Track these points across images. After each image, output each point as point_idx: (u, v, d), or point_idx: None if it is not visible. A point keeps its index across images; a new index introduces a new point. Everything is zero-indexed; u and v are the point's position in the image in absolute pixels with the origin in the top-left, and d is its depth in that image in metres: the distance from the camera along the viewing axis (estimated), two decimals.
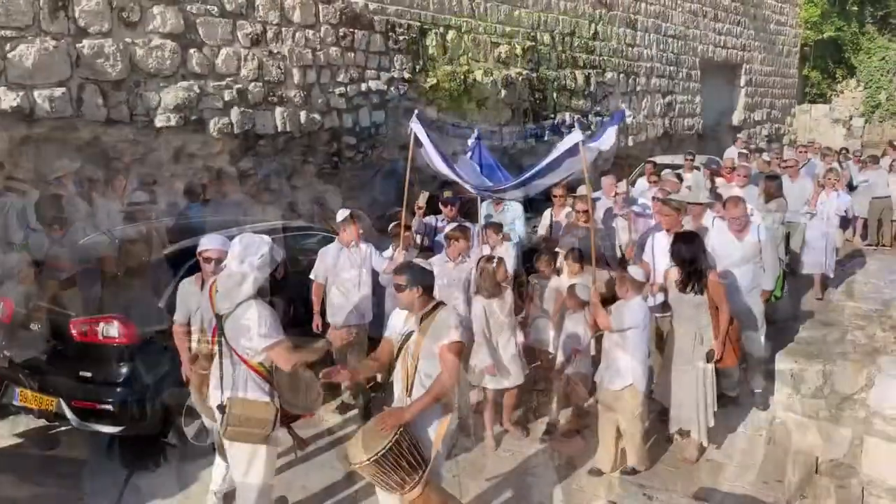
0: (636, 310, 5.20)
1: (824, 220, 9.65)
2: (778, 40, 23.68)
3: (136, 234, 6.27)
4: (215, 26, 8.16)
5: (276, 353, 3.98)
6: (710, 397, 5.47)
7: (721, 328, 5.45)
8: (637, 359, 5.18)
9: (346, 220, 6.38)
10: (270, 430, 4.03)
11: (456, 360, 3.89)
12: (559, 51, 14.05)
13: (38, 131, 6.90)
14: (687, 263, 5.40)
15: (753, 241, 6.33)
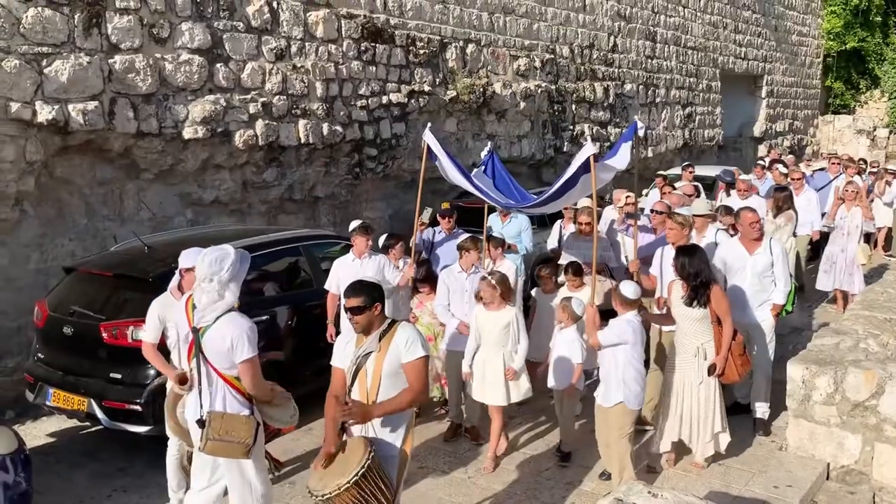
0: (625, 327, 5.10)
1: (844, 235, 9.40)
2: (800, 51, 23.63)
3: (166, 242, 6.48)
4: (241, 41, 8.42)
5: (245, 370, 3.91)
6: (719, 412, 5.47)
7: (724, 342, 5.40)
8: (629, 376, 5.09)
9: (357, 231, 6.48)
10: (252, 443, 3.92)
11: (424, 374, 3.80)
12: (578, 63, 14.20)
13: (72, 143, 7.18)
14: (692, 277, 5.36)
15: (765, 254, 6.28)
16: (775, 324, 6.41)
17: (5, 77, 6.46)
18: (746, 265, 6.28)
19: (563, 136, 13.63)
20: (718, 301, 5.39)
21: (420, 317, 6.54)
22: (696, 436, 5.47)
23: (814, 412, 5.79)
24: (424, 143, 6.77)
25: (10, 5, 6.52)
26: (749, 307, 6.24)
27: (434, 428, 6.48)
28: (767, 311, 6.30)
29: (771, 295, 6.29)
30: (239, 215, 8.88)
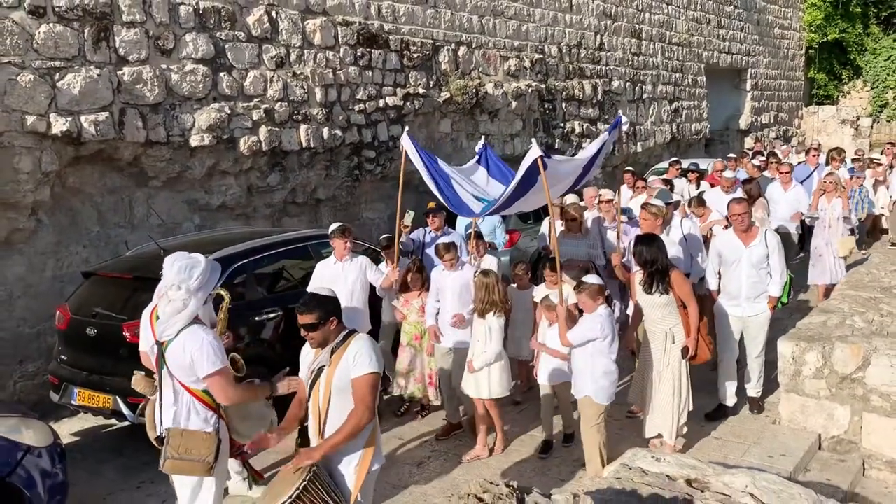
0: (593, 323, 5.12)
1: (825, 227, 9.35)
2: (782, 44, 24.05)
3: (180, 245, 6.72)
4: (243, 51, 8.69)
5: (213, 384, 3.77)
6: (685, 395, 5.58)
7: (692, 324, 5.47)
8: (597, 369, 5.13)
9: (335, 234, 6.39)
10: (213, 461, 3.79)
11: (370, 392, 3.55)
12: (567, 62, 14.52)
13: (84, 153, 7.43)
14: (648, 264, 5.44)
15: (761, 246, 6.31)
16: (771, 315, 6.44)
17: (21, 91, 6.71)
18: (742, 257, 6.30)
19: (554, 134, 13.94)
20: (680, 286, 5.47)
21: (408, 314, 6.57)
22: (671, 418, 5.52)
23: (804, 386, 6.09)
24: (402, 148, 6.81)
25: (23, 22, 6.77)
26: (746, 299, 6.32)
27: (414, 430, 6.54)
28: (764, 304, 6.35)
29: (767, 287, 6.33)
30: (244, 219, 9.13)
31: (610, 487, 3.42)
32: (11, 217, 7.00)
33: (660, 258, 5.45)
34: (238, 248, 6.57)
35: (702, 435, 6.06)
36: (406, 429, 6.54)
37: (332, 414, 3.61)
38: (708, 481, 3.62)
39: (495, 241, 8.34)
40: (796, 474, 5.56)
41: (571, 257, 6.84)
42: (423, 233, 7.88)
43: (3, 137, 6.64)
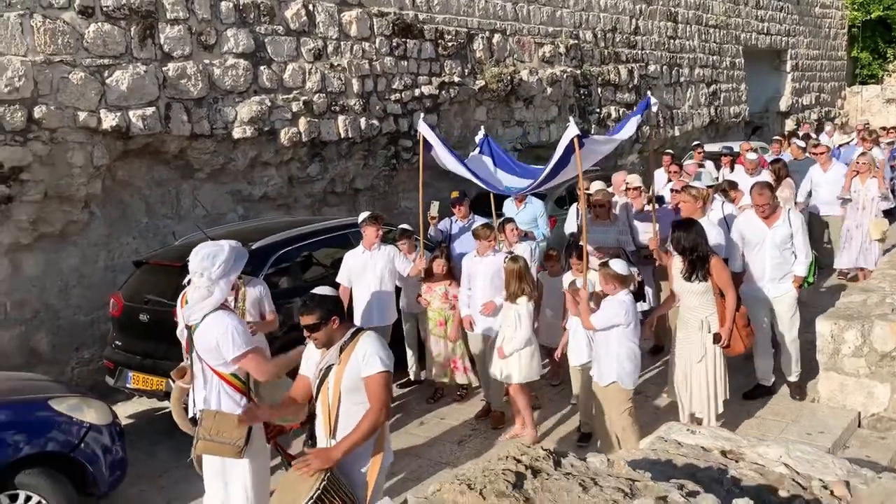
0: (618, 308, 5.04)
1: (858, 209, 9.11)
2: (823, 23, 23.57)
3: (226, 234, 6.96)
4: (282, 44, 8.90)
5: (248, 363, 3.82)
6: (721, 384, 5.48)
7: (728, 313, 5.37)
8: (623, 355, 5.08)
9: (366, 222, 6.45)
10: (244, 443, 3.81)
11: (384, 391, 3.53)
12: (602, 47, 14.49)
13: (132, 147, 7.71)
14: (689, 251, 5.32)
15: (784, 226, 6.20)
16: (798, 295, 6.34)
17: (73, 88, 7.00)
18: (765, 238, 6.20)
19: (590, 119, 13.93)
20: (719, 273, 5.36)
21: (431, 301, 6.62)
22: (706, 409, 5.45)
23: (843, 365, 6.10)
24: (420, 135, 6.84)
25: (73, 22, 7.05)
26: (770, 280, 6.24)
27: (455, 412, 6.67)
28: (789, 284, 6.25)
29: (792, 267, 6.24)
30: (286, 209, 9.36)
31: (645, 458, 3.52)
32: (66, 210, 7.30)
33: (700, 244, 5.33)
34: (281, 236, 6.78)
35: (740, 414, 6.10)
36: (447, 409, 6.70)
37: (343, 413, 3.58)
38: (742, 452, 3.69)
39: (536, 230, 8.19)
40: (835, 451, 5.57)
41: (601, 244, 6.76)
42: (450, 223, 7.89)
43: (57, 133, 6.93)
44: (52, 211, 7.20)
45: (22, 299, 7.21)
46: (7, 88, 6.54)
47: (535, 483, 2.47)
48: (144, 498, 5.50)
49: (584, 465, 2.70)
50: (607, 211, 7.25)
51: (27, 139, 6.73)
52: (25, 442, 4.57)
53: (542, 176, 6.23)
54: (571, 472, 2.61)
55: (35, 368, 6.98)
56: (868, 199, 9.08)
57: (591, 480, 2.54)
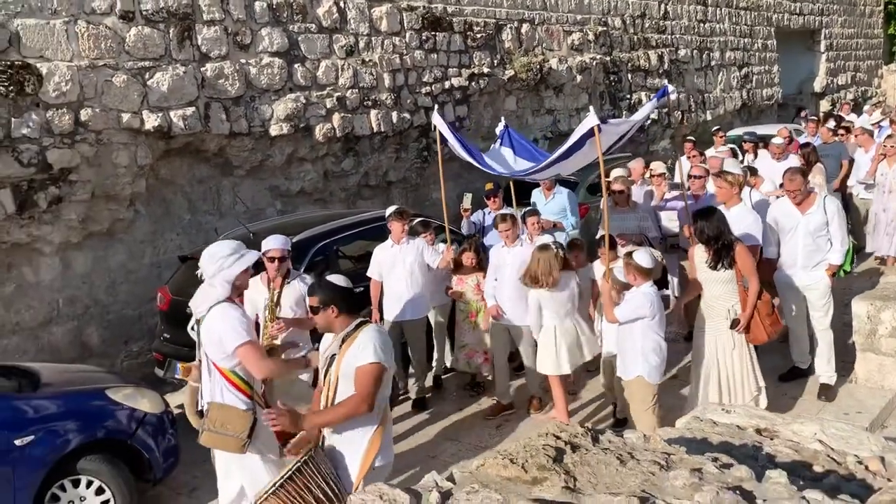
0: (642, 300, 4.96)
1: (885, 192, 8.80)
2: (858, 1, 23.13)
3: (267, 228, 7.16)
4: (315, 42, 9.08)
5: (243, 356, 3.81)
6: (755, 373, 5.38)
7: (749, 301, 5.25)
8: (647, 348, 4.99)
9: (392, 217, 6.42)
10: (246, 438, 3.83)
11: (370, 383, 3.50)
12: (631, 33, 14.45)
13: (174, 146, 7.96)
14: (713, 240, 5.22)
15: (819, 213, 6.02)
16: (832, 284, 6.14)
17: (116, 91, 7.25)
18: (799, 224, 6.05)
19: (620, 106, 13.93)
20: (744, 260, 5.26)
21: (464, 292, 6.64)
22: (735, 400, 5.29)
23: (880, 345, 6.11)
24: (435, 128, 6.85)
25: (115, 27, 7.30)
26: (803, 268, 6.10)
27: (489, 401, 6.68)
28: (823, 272, 6.07)
29: (827, 255, 6.06)
30: (322, 203, 9.56)
31: (681, 437, 3.61)
32: (113, 209, 7.57)
33: (724, 232, 5.25)
34: (320, 229, 6.96)
35: (776, 394, 6.13)
36: (485, 398, 6.78)
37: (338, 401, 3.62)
38: (777, 430, 3.76)
39: (565, 220, 8.13)
40: (872, 430, 5.60)
41: (621, 231, 6.75)
42: (483, 215, 7.89)
43: (103, 135, 7.19)
44: (99, 210, 7.47)
45: (73, 296, 7.50)
46: (55, 93, 6.81)
47: (575, 457, 2.59)
48: (196, 483, 5.72)
49: (621, 441, 2.82)
50: (626, 198, 7.25)
51: (75, 141, 6.99)
52: (85, 430, 4.81)
53: (551, 158, 6.23)
54: (609, 448, 2.73)
55: (86, 362, 7.26)
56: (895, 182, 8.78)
57: (628, 454, 2.66)
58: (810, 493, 2.38)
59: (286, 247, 5.14)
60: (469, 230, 7.79)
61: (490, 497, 2.31)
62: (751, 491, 2.41)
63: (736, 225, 5.82)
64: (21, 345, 7.13)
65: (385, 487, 2.44)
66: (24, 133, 6.63)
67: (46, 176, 6.87)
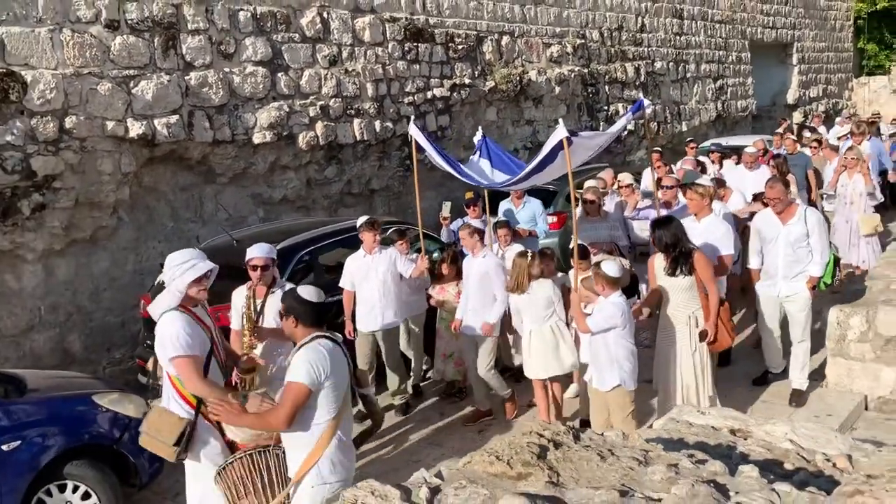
0: (613, 310, 5.03)
1: (846, 204, 9.00)
2: (829, 15, 23.66)
3: (250, 235, 7.23)
4: (298, 51, 9.17)
5: (177, 368, 3.85)
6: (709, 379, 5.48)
7: (712, 309, 5.34)
8: (621, 356, 5.06)
9: (364, 227, 6.43)
10: (177, 447, 3.85)
11: (288, 400, 3.45)
12: (608, 46, 14.70)
13: (157, 154, 8.00)
14: (671, 248, 5.32)
15: (799, 224, 6.07)
16: (811, 297, 6.17)
17: (101, 99, 7.29)
18: (779, 235, 6.11)
19: (598, 117, 14.15)
20: (703, 268, 5.35)
21: (446, 301, 6.71)
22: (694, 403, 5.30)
23: (849, 350, 6.28)
24: (411, 138, 6.90)
25: (100, 35, 7.35)
26: (783, 278, 6.15)
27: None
28: (802, 284, 6.10)
29: (807, 266, 6.10)
30: (304, 211, 9.63)
31: (658, 437, 3.75)
32: (96, 216, 7.59)
33: (681, 240, 5.34)
34: (304, 236, 7.04)
35: (748, 397, 6.30)
36: (467, 402, 6.87)
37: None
38: (750, 430, 3.91)
39: (536, 228, 8.26)
40: (842, 432, 5.78)
41: (592, 240, 6.91)
42: (462, 223, 7.87)
43: (87, 142, 7.23)
44: (82, 217, 7.49)
45: (55, 303, 7.51)
46: (40, 101, 6.84)
47: (558, 454, 2.71)
48: (180, 488, 5.73)
49: (601, 439, 2.94)
50: (598, 208, 7.43)
51: (59, 148, 7.02)
52: (71, 435, 4.85)
53: (525, 170, 6.31)
54: (590, 445, 2.85)
55: (68, 369, 7.27)
56: (856, 195, 9.00)
57: (608, 451, 2.78)
58: (780, 485, 2.52)
59: (270, 255, 5.11)
60: (448, 238, 7.87)
61: (477, 492, 2.41)
62: (724, 484, 2.55)
63: (708, 235, 6.00)
64: (2, 352, 7.13)
65: (376, 484, 2.54)
66: (9, 140, 6.66)
67: (30, 183, 6.89)
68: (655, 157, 10.15)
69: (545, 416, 5.92)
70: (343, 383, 3.59)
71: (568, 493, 2.43)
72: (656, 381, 5.69)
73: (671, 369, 5.47)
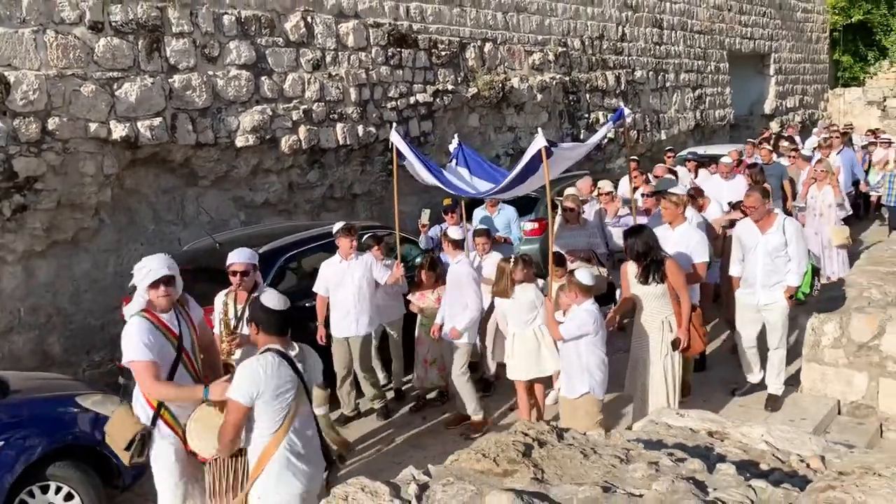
0: (586, 317, 5.09)
1: (816, 216, 9.14)
2: (806, 27, 24.08)
3: (233, 238, 7.25)
4: (282, 55, 9.20)
5: (135, 371, 3.90)
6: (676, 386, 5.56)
7: (683, 315, 5.43)
8: (592, 364, 5.11)
9: (340, 233, 6.44)
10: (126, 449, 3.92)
11: (228, 419, 3.53)
12: (589, 54, 14.86)
13: (140, 156, 7.99)
14: (642, 256, 5.41)
15: (778, 234, 6.18)
16: (789, 306, 6.27)
17: (84, 101, 7.27)
18: (759, 244, 6.21)
19: (579, 125, 14.31)
20: (675, 275, 5.42)
21: (425, 307, 6.74)
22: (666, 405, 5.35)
23: (823, 355, 6.44)
24: (392, 145, 6.91)
25: (84, 37, 7.33)
26: (762, 286, 6.25)
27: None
28: (780, 293, 6.19)
29: (785, 276, 6.18)
30: (286, 215, 9.64)
31: (638, 438, 3.83)
32: (78, 217, 7.56)
33: (653, 248, 5.43)
34: (287, 240, 7.07)
35: (725, 402, 6.43)
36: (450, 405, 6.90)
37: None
38: (727, 432, 4.01)
39: (510, 235, 8.34)
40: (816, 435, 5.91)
41: (571, 247, 7.01)
42: (440, 230, 7.95)
43: (70, 144, 7.20)
44: (64, 219, 7.46)
45: (35, 304, 7.46)
46: (22, 101, 6.81)
47: (542, 452, 2.78)
48: None
49: (584, 438, 3.02)
50: (577, 215, 7.54)
51: (41, 150, 6.99)
52: (55, 436, 4.84)
53: (506, 181, 6.40)
54: (573, 444, 2.93)
55: (48, 371, 7.20)
56: (825, 206, 9.12)
57: (591, 450, 2.86)
58: (756, 482, 2.61)
59: (251, 261, 5.09)
60: (427, 245, 7.88)
61: (465, 488, 2.48)
62: (703, 481, 2.63)
63: (682, 243, 6.13)
64: None
65: (366, 480, 2.60)
66: None
67: (11, 184, 6.85)
68: (632, 167, 10.35)
69: (527, 417, 5.98)
70: (285, 398, 3.54)
71: (552, 489, 2.50)
72: (629, 387, 5.78)
73: (644, 376, 5.55)
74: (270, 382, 3.49)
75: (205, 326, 4.48)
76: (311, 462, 3.68)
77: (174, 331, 4.08)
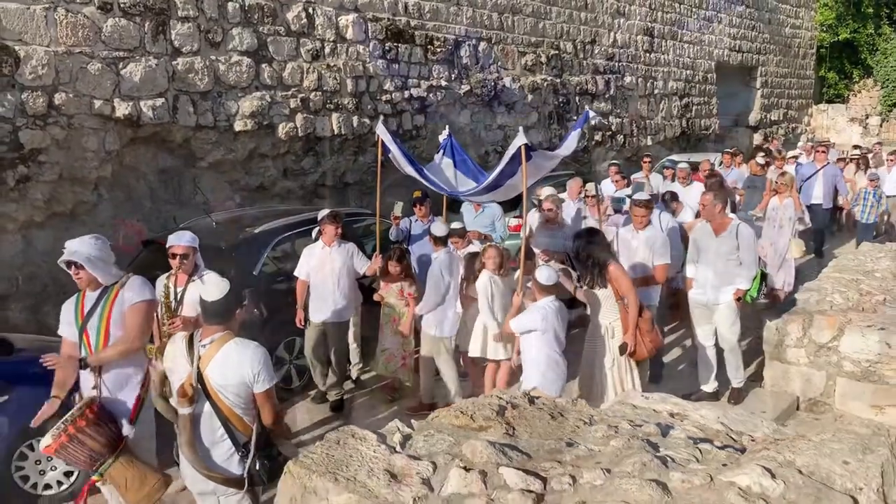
0: (536, 312, 5.11)
1: (775, 227, 9.15)
2: (793, 43, 24.56)
3: (229, 218, 7.50)
4: (283, 44, 9.46)
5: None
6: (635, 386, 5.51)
7: (630, 320, 5.40)
8: (541, 362, 5.12)
9: (326, 220, 6.45)
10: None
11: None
12: (581, 58, 15.20)
13: (141, 135, 8.23)
14: (585, 260, 5.44)
15: (731, 238, 6.36)
16: (738, 308, 6.43)
17: (90, 78, 7.51)
18: (711, 246, 6.41)
19: (567, 126, 14.62)
20: (618, 280, 5.41)
21: (387, 297, 6.69)
22: None
23: (786, 354, 6.78)
24: (378, 138, 7.00)
25: (93, 16, 7.56)
26: (713, 288, 6.45)
27: None
28: (730, 295, 6.36)
29: (734, 279, 6.36)
30: (279, 199, 9.89)
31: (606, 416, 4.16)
32: (77, 191, 7.80)
33: (595, 253, 5.43)
34: (282, 221, 7.31)
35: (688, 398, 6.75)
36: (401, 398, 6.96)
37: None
38: (687, 413, 4.35)
39: (494, 233, 8.45)
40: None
41: (548, 248, 7.12)
42: (410, 222, 7.99)
43: (75, 119, 7.44)
44: (64, 192, 7.69)
45: (33, 273, 7.68)
46: (31, 76, 7.04)
47: (514, 413, 3.10)
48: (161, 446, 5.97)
49: (553, 403, 3.34)
50: (555, 216, 7.67)
51: (47, 123, 7.22)
52: None
53: (486, 181, 6.47)
54: (542, 408, 3.25)
55: None
56: (786, 218, 9.18)
57: (558, 413, 3.18)
58: (703, 444, 2.94)
59: (192, 244, 5.06)
60: (396, 237, 7.95)
61: (444, 438, 2.79)
62: (656, 443, 2.96)
63: (647, 245, 6.41)
64: None
65: (356, 428, 2.90)
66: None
67: (17, 155, 7.08)
68: (613, 171, 10.73)
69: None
70: None
71: (522, 442, 2.82)
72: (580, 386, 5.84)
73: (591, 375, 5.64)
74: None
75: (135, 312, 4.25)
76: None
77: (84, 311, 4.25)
